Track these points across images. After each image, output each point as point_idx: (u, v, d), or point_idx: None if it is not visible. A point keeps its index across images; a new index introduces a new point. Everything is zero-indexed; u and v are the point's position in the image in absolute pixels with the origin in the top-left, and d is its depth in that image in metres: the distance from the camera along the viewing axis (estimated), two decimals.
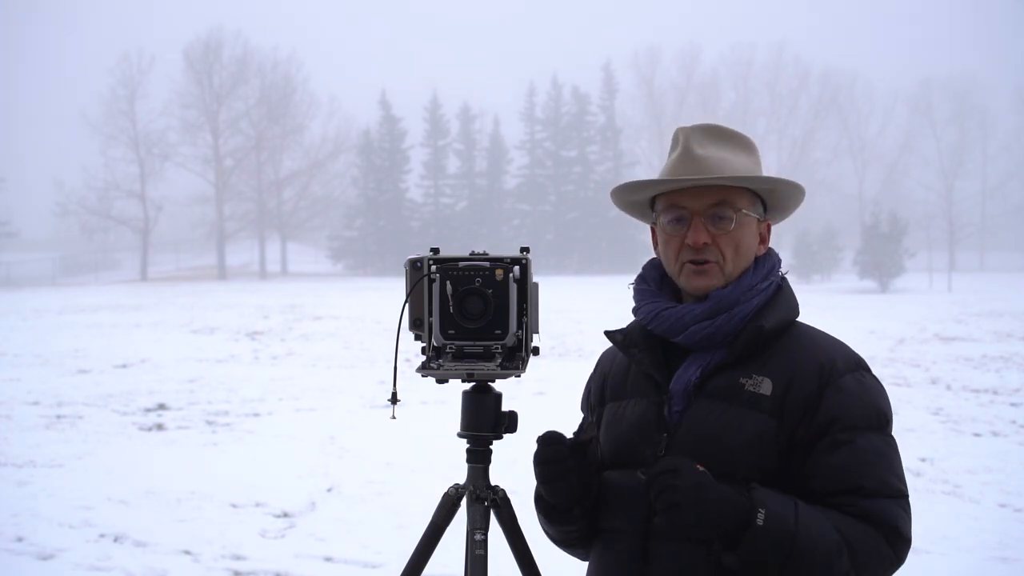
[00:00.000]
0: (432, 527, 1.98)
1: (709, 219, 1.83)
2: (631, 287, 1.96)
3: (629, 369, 1.94)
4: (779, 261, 1.92)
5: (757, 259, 1.89)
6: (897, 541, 1.70)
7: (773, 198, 1.92)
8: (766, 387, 1.77)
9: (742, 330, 1.80)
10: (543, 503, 1.92)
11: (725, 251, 1.83)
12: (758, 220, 1.89)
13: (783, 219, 2.00)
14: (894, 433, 1.83)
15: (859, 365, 1.82)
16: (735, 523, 1.62)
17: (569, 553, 2.05)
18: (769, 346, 1.81)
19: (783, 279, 1.91)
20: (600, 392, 2.01)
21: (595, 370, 2.07)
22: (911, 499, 1.77)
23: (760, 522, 1.61)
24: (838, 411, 1.74)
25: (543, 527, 1.99)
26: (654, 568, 1.78)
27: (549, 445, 1.82)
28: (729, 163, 1.85)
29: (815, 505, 1.70)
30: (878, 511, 1.69)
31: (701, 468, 1.66)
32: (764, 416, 1.75)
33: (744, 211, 1.85)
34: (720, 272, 1.84)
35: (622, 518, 1.84)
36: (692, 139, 1.87)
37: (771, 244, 1.95)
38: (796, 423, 1.75)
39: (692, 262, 1.85)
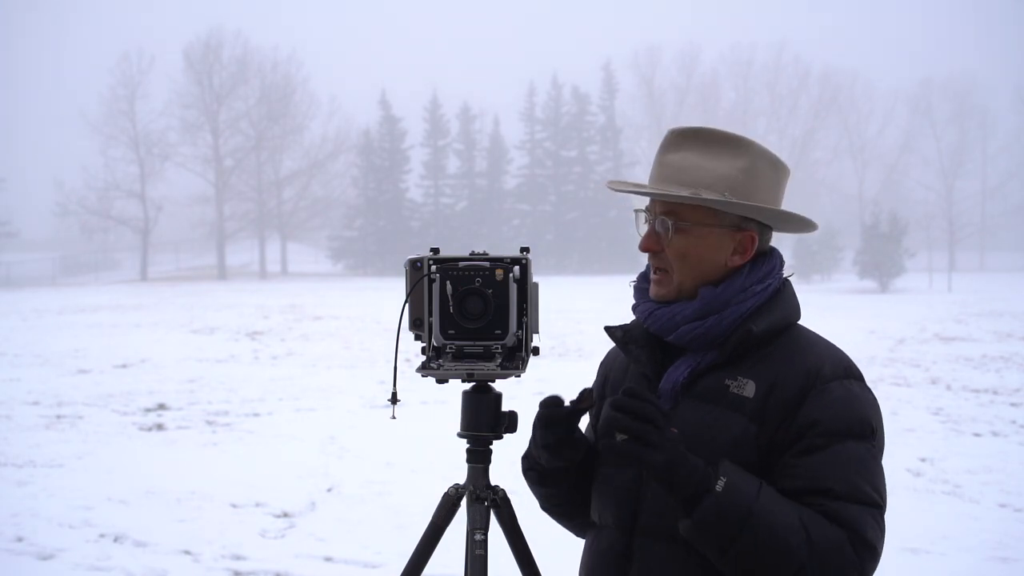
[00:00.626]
0: (432, 527, 1.99)
1: (660, 227, 1.83)
2: (632, 285, 1.95)
3: (628, 366, 1.94)
4: (781, 263, 1.88)
5: (755, 260, 1.84)
6: (862, 548, 1.65)
7: (747, 210, 1.85)
8: (749, 389, 1.75)
9: (733, 332, 1.79)
10: (529, 461, 1.94)
11: (672, 260, 1.83)
12: (733, 229, 1.81)
13: (790, 230, 1.93)
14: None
15: (849, 373, 1.78)
16: (696, 487, 1.62)
17: (558, 522, 2.06)
18: (762, 349, 1.79)
19: (785, 282, 1.88)
20: (601, 387, 2.02)
21: (600, 366, 2.08)
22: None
23: (719, 488, 1.61)
24: (819, 415, 1.71)
25: (530, 488, 2.00)
26: (636, 565, 1.79)
27: (553, 408, 1.81)
28: (700, 169, 1.80)
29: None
30: (846, 515, 1.65)
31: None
32: (744, 419, 1.74)
33: (690, 222, 1.80)
34: (670, 281, 1.84)
35: (613, 514, 1.85)
36: (671, 142, 1.86)
37: (773, 244, 1.90)
38: (776, 426, 1.72)
39: (654, 268, 1.87)
